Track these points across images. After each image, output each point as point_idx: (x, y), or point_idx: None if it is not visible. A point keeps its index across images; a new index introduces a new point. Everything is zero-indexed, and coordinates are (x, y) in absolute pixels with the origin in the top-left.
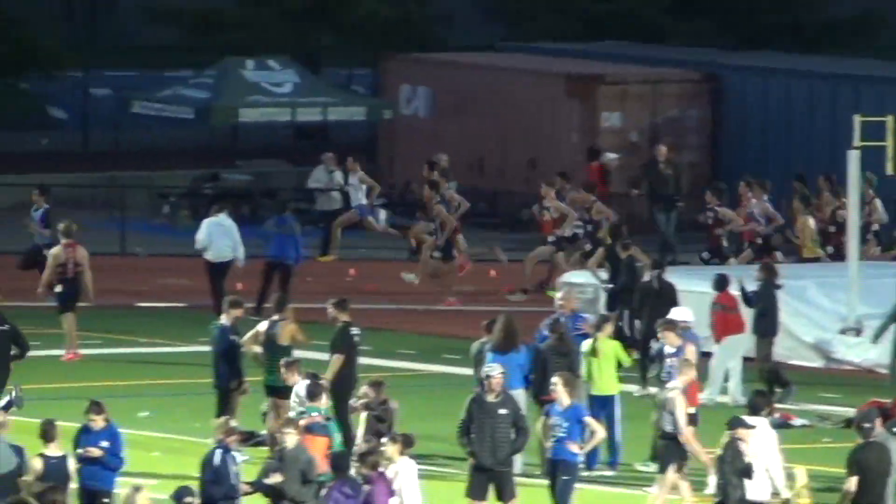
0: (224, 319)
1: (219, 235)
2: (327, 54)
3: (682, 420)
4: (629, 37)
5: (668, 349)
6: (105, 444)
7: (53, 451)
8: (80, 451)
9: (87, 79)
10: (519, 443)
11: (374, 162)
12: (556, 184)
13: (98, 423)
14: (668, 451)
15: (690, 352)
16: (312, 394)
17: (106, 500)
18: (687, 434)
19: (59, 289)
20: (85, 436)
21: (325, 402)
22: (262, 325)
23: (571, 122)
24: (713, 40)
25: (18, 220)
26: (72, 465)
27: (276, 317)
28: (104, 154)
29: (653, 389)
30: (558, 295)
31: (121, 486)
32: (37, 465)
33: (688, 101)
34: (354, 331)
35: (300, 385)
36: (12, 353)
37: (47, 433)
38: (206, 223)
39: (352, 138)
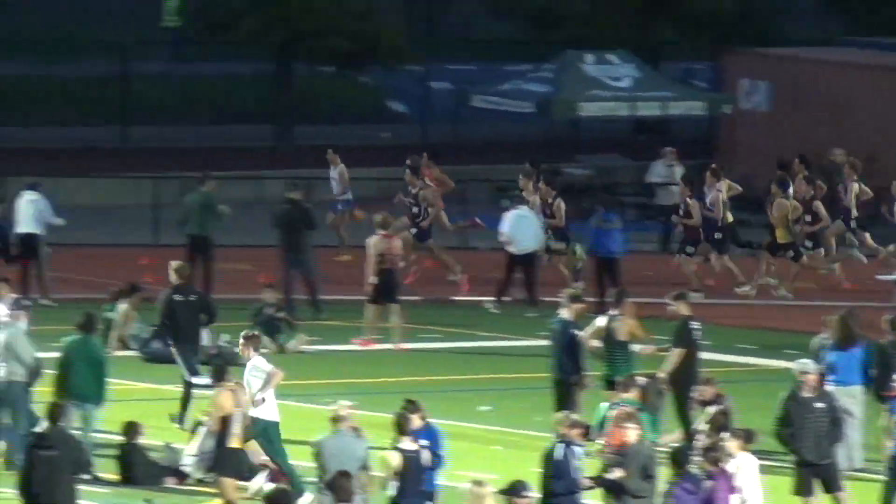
0: (566, 313)
1: (521, 227)
2: (667, 48)
3: None
4: None
5: None
6: (424, 442)
7: (408, 444)
8: None
9: (427, 72)
10: (835, 435)
11: (713, 156)
12: (532, 175)
13: (415, 421)
14: None
15: None
16: (626, 385)
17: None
18: None
19: (372, 280)
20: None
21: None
22: (601, 320)
23: None
24: None
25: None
26: (426, 458)
27: (614, 311)
28: (444, 147)
29: None
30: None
31: (446, 481)
32: (394, 459)
33: None
34: (695, 325)
35: (255, 360)
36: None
37: (402, 427)
38: (509, 216)
39: (691, 132)
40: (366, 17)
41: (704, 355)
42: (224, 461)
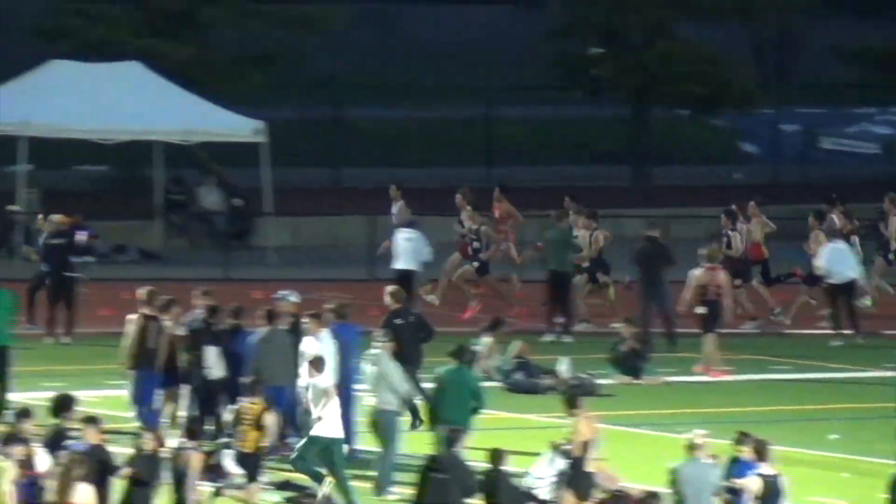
0: None
1: (838, 260)
2: None
3: None
4: None
5: None
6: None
7: (768, 469)
8: (727, 483)
9: (778, 115)
10: None
11: None
12: (583, 212)
13: (748, 454)
14: None
15: None
16: None
17: None
18: None
19: (700, 310)
20: (736, 467)
21: None
22: None
23: None
24: None
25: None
26: (785, 483)
27: None
28: (793, 187)
29: None
30: None
31: None
32: (755, 484)
33: None
34: None
35: (317, 379)
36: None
37: (761, 453)
38: (825, 250)
39: None
40: (718, 64)
41: None
42: (579, 482)
